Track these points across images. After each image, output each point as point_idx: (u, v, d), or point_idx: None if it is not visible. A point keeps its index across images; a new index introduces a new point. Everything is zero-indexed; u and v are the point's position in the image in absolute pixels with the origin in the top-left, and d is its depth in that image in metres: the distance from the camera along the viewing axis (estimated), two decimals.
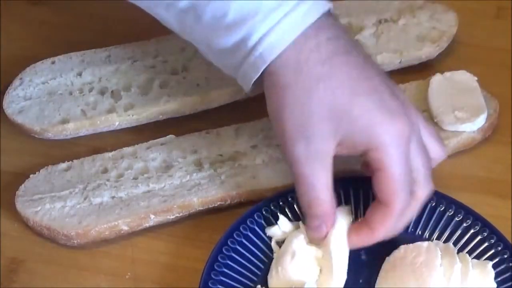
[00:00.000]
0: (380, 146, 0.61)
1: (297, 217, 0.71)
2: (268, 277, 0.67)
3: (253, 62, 0.62)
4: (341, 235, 0.65)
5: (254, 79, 0.63)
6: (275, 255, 0.69)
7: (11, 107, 0.79)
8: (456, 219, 0.70)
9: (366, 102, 0.60)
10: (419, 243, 0.67)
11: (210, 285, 0.66)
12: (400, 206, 0.62)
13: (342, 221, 0.65)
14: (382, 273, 0.68)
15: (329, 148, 0.61)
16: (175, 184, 0.74)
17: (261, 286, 0.67)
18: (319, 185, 0.62)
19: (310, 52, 0.60)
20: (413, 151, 0.62)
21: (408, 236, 0.70)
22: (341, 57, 0.61)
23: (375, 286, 0.67)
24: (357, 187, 0.72)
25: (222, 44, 0.63)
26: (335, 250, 0.64)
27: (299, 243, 0.67)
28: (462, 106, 0.77)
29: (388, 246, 0.69)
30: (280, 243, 0.70)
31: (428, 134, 0.65)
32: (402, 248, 0.68)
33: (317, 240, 0.65)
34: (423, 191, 0.64)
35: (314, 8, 0.61)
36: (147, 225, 0.72)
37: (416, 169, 0.63)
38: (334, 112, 0.60)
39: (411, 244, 0.68)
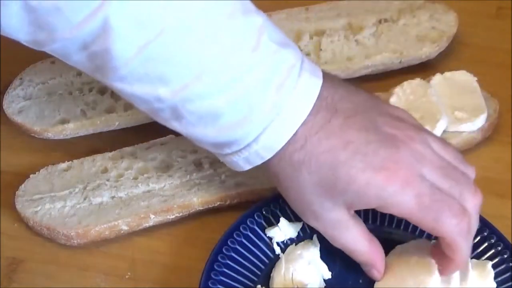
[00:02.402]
0: (389, 206, 0.61)
1: (298, 217, 0.71)
2: (274, 275, 0.67)
3: (246, 157, 0.63)
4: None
5: (245, 168, 0.64)
6: (281, 255, 0.69)
7: (11, 107, 0.79)
8: None
9: (348, 169, 0.61)
10: (412, 241, 0.67)
11: (210, 285, 0.66)
12: (461, 248, 0.62)
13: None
14: None
15: (339, 214, 0.63)
16: (175, 184, 0.74)
17: (261, 286, 0.67)
18: (349, 242, 0.65)
19: (288, 145, 0.62)
20: (435, 176, 0.62)
21: (408, 236, 0.70)
22: (314, 137, 0.61)
23: (374, 286, 0.67)
24: None
25: (205, 139, 0.63)
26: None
27: (314, 254, 0.68)
28: (462, 106, 0.77)
29: (388, 246, 0.69)
30: (280, 244, 0.70)
31: (451, 155, 0.64)
32: (399, 247, 0.68)
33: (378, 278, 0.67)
34: (472, 202, 0.63)
35: (300, 109, 0.62)
36: (147, 225, 0.72)
37: (450, 187, 0.62)
38: (325, 187, 0.62)
39: (406, 243, 0.68)
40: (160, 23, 0.57)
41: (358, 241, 0.65)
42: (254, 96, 0.60)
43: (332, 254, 0.70)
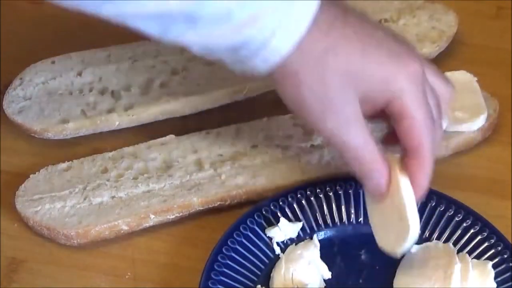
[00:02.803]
0: (399, 93, 0.62)
1: (297, 217, 0.71)
2: (274, 275, 0.67)
3: (264, 57, 0.61)
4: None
5: (263, 72, 0.62)
6: (281, 255, 0.69)
7: (11, 107, 0.79)
8: (456, 219, 0.70)
9: (376, 56, 0.62)
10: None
11: (210, 285, 0.66)
12: (430, 149, 0.63)
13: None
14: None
15: (357, 110, 0.62)
16: (175, 184, 0.74)
17: (261, 286, 0.67)
18: (363, 144, 0.63)
19: (310, 33, 0.61)
20: (427, 91, 0.64)
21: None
22: (339, 25, 0.62)
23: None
24: (356, 187, 0.72)
25: (221, 43, 0.62)
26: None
27: (314, 254, 0.68)
28: (462, 106, 0.77)
29: None
30: (280, 244, 0.70)
31: (432, 73, 0.66)
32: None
33: (380, 197, 0.65)
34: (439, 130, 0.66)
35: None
36: (147, 225, 0.72)
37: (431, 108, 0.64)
38: (350, 75, 0.62)
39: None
40: None
41: (369, 144, 0.63)
42: None
43: (332, 254, 0.70)
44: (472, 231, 0.69)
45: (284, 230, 0.70)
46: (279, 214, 0.70)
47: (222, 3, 0.59)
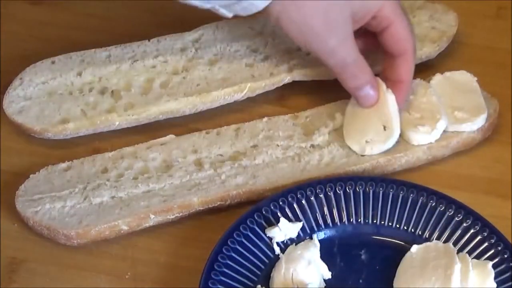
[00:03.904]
0: (386, 3, 0.72)
1: (297, 217, 0.71)
2: (274, 275, 0.67)
3: None
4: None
5: (261, 7, 0.69)
6: (281, 255, 0.69)
7: (11, 107, 0.78)
8: (456, 219, 0.70)
9: None
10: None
11: (210, 285, 0.66)
12: (414, 47, 0.74)
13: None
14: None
15: (351, 27, 0.71)
16: (175, 184, 0.74)
17: (261, 286, 0.67)
18: (357, 59, 0.72)
19: None
20: None
21: (409, 236, 0.70)
22: None
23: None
24: (356, 187, 0.72)
25: None
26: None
27: (314, 254, 0.68)
28: (462, 106, 0.77)
29: (388, 247, 0.69)
30: (280, 244, 0.70)
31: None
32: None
33: (371, 105, 0.74)
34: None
35: None
36: (147, 225, 0.72)
37: None
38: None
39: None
40: None
41: (361, 57, 0.72)
42: None
43: (332, 254, 0.70)
44: (472, 231, 0.69)
45: (284, 230, 0.70)
46: (279, 214, 0.70)
47: None
